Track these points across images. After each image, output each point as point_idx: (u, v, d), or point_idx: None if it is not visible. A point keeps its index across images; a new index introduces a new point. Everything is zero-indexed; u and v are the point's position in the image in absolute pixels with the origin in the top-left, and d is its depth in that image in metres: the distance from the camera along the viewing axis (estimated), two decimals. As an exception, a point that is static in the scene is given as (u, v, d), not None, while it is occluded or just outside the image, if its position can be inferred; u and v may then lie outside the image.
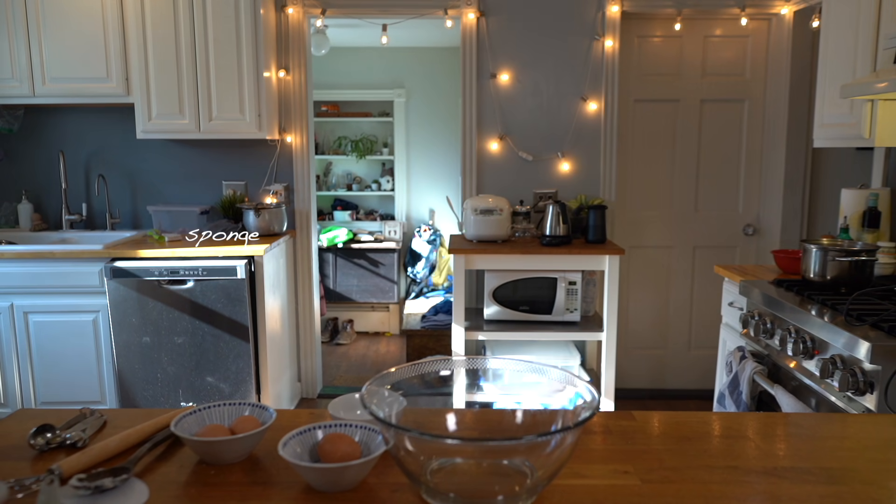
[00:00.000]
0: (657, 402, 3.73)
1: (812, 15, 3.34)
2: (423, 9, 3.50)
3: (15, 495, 0.88)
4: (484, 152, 3.62)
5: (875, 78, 2.02)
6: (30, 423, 1.08)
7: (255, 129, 3.26)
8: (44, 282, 3.01)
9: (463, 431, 1.03)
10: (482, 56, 3.54)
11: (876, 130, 2.26)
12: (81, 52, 3.18)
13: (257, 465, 0.98)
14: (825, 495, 0.90)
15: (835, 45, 2.51)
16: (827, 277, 2.19)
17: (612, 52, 3.51)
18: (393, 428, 0.81)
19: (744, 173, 3.70)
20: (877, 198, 2.58)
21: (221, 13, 3.16)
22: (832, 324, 1.82)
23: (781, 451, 1.04)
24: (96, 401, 3.10)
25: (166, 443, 1.05)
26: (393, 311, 5.23)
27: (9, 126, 3.49)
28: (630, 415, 1.18)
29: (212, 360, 3.04)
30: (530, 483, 0.85)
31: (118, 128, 3.58)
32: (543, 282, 3.26)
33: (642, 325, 3.82)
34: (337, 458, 0.91)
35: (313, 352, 3.80)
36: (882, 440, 1.09)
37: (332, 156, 5.75)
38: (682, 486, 0.92)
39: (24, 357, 3.07)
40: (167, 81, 3.20)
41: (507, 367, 1.05)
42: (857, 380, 1.71)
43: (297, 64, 3.54)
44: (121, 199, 3.66)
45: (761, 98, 3.63)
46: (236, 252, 3.02)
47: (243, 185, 3.63)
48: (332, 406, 1.12)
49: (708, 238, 3.75)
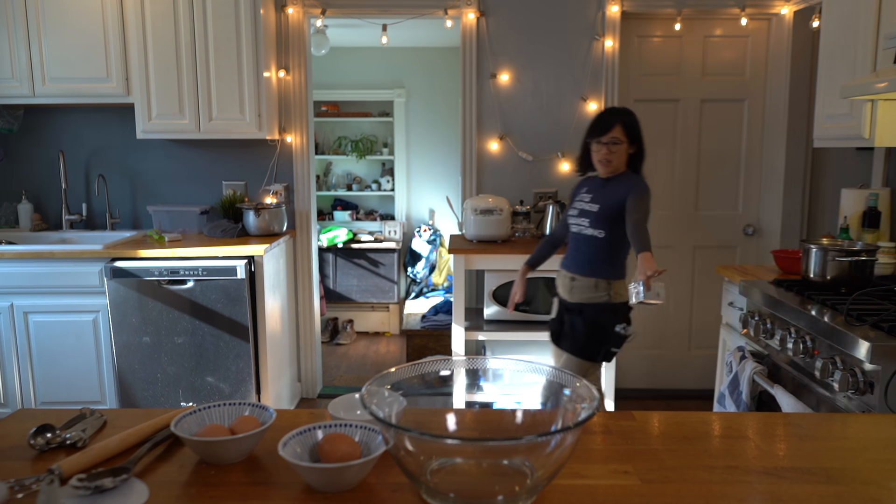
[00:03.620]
0: (657, 402, 3.73)
1: (812, 15, 3.34)
2: (423, 9, 3.50)
3: (15, 495, 0.88)
4: (484, 152, 3.62)
5: (875, 78, 2.02)
6: (30, 423, 1.08)
7: (255, 129, 3.26)
8: (44, 282, 3.01)
9: (463, 431, 1.03)
10: (482, 56, 3.54)
11: (876, 130, 2.26)
12: (81, 52, 3.18)
13: (257, 465, 0.98)
14: (825, 495, 0.90)
15: (835, 45, 2.51)
16: (827, 277, 2.19)
17: (612, 52, 3.51)
18: (393, 428, 0.81)
19: (744, 173, 3.70)
20: (877, 198, 2.58)
21: (221, 13, 3.16)
22: (832, 324, 1.82)
23: (781, 451, 1.04)
24: (96, 401, 3.10)
25: (166, 443, 1.05)
26: (393, 311, 5.23)
27: (9, 126, 3.49)
28: (630, 415, 1.18)
29: (212, 360, 3.04)
30: (530, 483, 0.85)
31: (118, 128, 3.57)
32: (543, 282, 3.26)
33: (642, 325, 3.82)
34: (337, 458, 0.91)
35: (313, 352, 3.80)
36: (882, 440, 1.09)
37: (332, 156, 5.75)
38: (682, 486, 0.92)
39: (24, 357, 3.07)
40: (167, 81, 3.20)
41: (507, 367, 1.05)
42: (857, 380, 1.71)
43: (297, 64, 3.54)
44: (121, 199, 3.66)
45: (761, 98, 3.63)
46: (236, 252, 3.02)
47: (243, 185, 3.62)
48: (332, 406, 1.12)
49: (708, 238, 3.75)
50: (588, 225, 2.43)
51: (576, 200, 2.54)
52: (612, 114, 2.45)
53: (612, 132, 2.37)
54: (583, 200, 2.49)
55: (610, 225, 2.39)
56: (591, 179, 2.54)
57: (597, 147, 2.40)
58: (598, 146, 2.40)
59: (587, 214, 2.44)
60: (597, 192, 2.46)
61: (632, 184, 2.39)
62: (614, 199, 2.38)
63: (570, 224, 2.53)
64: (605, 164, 2.40)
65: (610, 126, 2.38)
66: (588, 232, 2.44)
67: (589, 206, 2.45)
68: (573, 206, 2.54)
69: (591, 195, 2.47)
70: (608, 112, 2.48)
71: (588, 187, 2.52)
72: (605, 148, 2.37)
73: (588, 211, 2.44)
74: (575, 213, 2.51)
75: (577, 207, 2.51)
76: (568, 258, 2.55)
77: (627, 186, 2.38)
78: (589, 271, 2.44)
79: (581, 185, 2.59)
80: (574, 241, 2.52)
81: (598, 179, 2.51)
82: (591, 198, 2.46)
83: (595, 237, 2.42)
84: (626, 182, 2.41)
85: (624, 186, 2.39)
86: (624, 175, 2.45)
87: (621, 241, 2.40)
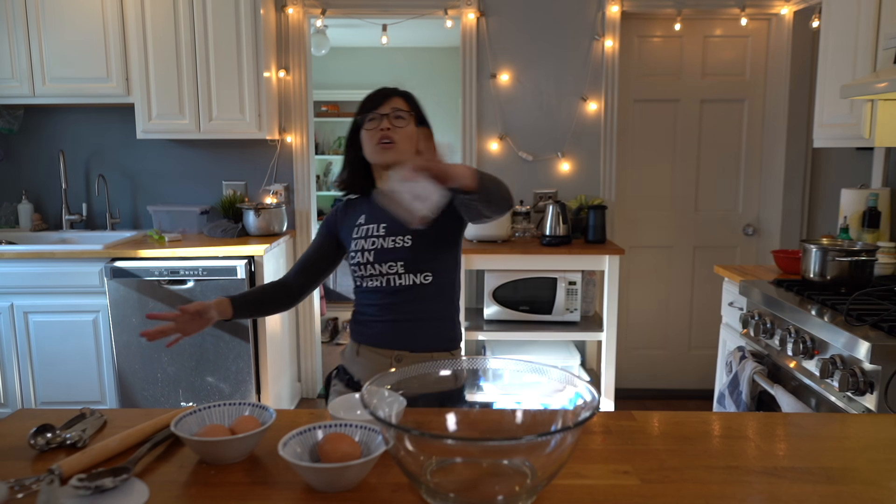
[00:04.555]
0: (657, 402, 3.73)
1: (812, 15, 3.34)
2: (423, 9, 3.50)
3: (15, 495, 0.88)
4: (484, 152, 3.62)
5: (875, 78, 2.02)
6: (30, 423, 1.08)
7: (255, 129, 3.26)
8: (44, 282, 3.01)
9: (463, 431, 1.03)
10: (482, 56, 3.54)
11: (876, 130, 2.26)
12: (81, 51, 3.18)
13: (257, 465, 0.98)
14: (825, 495, 0.90)
15: (835, 45, 2.51)
16: (827, 277, 2.19)
17: (612, 52, 3.51)
18: (393, 428, 0.81)
19: (744, 173, 3.70)
20: (877, 198, 2.58)
21: (221, 13, 3.16)
22: (832, 324, 1.82)
23: (781, 451, 1.04)
24: (96, 401, 3.10)
25: (166, 443, 1.05)
26: (393, 311, 5.22)
27: (9, 126, 3.49)
28: (630, 415, 1.18)
29: (212, 360, 3.04)
30: (530, 483, 0.85)
31: (118, 128, 3.57)
32: (543, 282, 3.26)
33: (642, 325, 3.82)
34: (337, 458, 0.91)
35: (313, 352, 3.80)
36: (882, 440, 1.09)
37: (332, 156, 5.75)
38: (682, 486, 0.92)
39: (24, 357, 3.07)
40: (167, 81, 3.20)
41: (507, 367, 1.05)
42: (857, 380, 1.71)
43: (297, 64, 3.54)
44: (121, 199, 3.66)
45: (761, 98, 3.63)
46: (236, 252, 3.02)
47: (243, 185, 3.62)
48: (332, 406, 1.12)
49: (708, 238, 3.75)
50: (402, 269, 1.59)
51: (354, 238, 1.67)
52: (387, 89, 1.68)
53: (392, 102, 1.62)
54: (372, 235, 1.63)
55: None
56: (359, 202, 1.73)
57: (371, 125, 1.61)
58: (371, 123, 1.61)
59: (394, 253, 1.60)
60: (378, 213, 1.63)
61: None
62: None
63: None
64: (385, 148, 1.58)
65: (386, 97, 1.64)
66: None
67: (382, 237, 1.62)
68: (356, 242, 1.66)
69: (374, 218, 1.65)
70: (380, 89, 1.68)
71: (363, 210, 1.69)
72: (386, 120, 1.59)
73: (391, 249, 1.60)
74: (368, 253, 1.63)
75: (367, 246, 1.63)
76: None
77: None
78: None
79: (346, 211, 1.73)
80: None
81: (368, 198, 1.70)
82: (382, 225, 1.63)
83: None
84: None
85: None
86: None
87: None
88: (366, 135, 1.63)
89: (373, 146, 1.61)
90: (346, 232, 1.72)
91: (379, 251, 1.61)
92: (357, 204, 1.74)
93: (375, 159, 1.62)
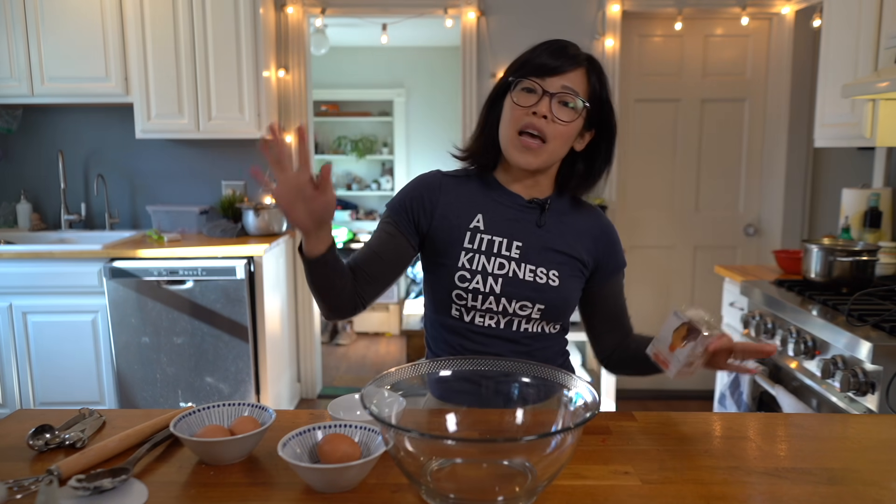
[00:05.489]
0: (657, 403, 3.73)
1: (813, 14, 3.34)
2: (423, 8, 3.49)
3: (14, 496, 0.88)
4: (484, 152, 3.61)
5: (876, 77, 2.02)
6: (29, 423, 1.07)
7: (255, 128, 3.26)
8: (43, 282, 3.00)
9: (463, 432, 1.03)
10: (482, 55, 3.54)
11: (877, 130, 2.25)
12: (80, 51, 3.17)
13: (257, 466, 0.98)
14: (826, 496, 0.89)
15: (836, 45, 2.50)
16: (828, 277, 2.18)
17: (613, 51, 3.50)
18: (393, 428, 0.81)
19: (745, 173, 3.69)
20: (878, 198, 2.58)
21: (221, 13, 3.15)
22: (833, 324, 1.82)
23: (782, 452, 1.03)
24: (95, 401, 3.10)
25: (166, 443, 1.05)
26: (393, 311, 5.22)
27: (7, 126, 3.49)
28: (630, 415, 1.18)
29: (211, 360, 3.04)
30: (530, 483, 0.84)
31: (117, 128, 3.57)
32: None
33: (643, 325, 3.80)
34: (337, 458, 0.91)
35: (313, 352, 3.79)
36: (883, 441, 1.08)
37: (332, 155, 5.75)
38: (683, 487, 0.92)
39: (22, 357, 3.07)
40: (166, 81, 3.20)
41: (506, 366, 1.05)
42: (858, 380, 1.70)
43: (296, 63, 3.53)
44: (120, 199, 3.66)
45: (762, 98, 3.63)
46: (236, 252, 3.02)
47: (243, 184, 3.62)
48: (332, 406, 1.12)
49: (708, 238, 3.75)
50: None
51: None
52: (571, 49, 1.18)
53: (567, 77, 1.15)
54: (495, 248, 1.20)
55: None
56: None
57: (522, 99, 1.15)
58: (524, 96, 1.15)
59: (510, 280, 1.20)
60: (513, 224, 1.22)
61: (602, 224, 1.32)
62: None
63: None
64: (527, 146, 1.16)
65: (568, 65, 1.15)
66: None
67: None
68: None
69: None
70: (562, 45, 1.18)
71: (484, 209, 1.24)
72: (546, 103, 1.13)
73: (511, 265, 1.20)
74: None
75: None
76: None
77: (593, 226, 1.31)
78: None
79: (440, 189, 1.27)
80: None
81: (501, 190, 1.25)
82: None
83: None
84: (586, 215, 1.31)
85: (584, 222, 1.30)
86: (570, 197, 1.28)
87: None
88: (509, 106, 1.17)
89: (511, 133, 1.16)
90: (443, 224, 1.20)
91: (510, 281, 1.16)
92: (464, 188, 1.24)
93: (509, 153, 1.18)
